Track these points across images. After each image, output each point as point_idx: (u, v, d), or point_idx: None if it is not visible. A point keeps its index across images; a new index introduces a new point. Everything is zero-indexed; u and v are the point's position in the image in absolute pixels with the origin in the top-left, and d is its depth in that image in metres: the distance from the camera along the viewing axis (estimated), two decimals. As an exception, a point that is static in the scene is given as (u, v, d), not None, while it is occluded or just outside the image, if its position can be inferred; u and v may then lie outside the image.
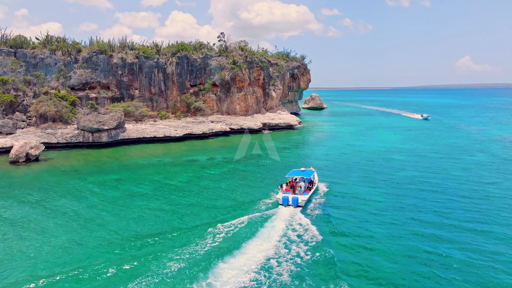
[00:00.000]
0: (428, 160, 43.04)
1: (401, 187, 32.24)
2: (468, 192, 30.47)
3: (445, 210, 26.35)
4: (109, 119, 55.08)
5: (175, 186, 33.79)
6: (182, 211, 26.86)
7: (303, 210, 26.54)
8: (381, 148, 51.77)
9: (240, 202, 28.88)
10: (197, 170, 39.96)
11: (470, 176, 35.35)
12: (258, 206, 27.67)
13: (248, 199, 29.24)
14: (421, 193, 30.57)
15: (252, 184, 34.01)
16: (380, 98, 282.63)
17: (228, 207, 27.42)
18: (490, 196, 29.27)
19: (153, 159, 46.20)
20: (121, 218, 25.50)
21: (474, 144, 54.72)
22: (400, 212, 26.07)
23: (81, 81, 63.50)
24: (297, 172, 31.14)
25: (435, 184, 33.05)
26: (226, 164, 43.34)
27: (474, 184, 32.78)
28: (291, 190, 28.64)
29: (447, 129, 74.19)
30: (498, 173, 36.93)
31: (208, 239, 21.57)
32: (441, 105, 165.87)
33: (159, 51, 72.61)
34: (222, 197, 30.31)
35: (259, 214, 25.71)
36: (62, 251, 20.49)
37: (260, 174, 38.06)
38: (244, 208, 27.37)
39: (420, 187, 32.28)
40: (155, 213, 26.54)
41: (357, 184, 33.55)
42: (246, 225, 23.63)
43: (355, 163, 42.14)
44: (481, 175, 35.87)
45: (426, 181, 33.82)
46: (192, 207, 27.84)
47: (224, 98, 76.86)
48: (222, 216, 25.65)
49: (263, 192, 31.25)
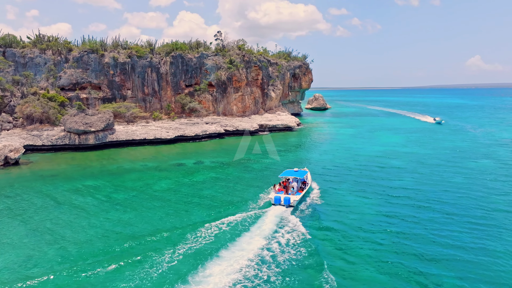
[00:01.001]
0: (427, 167, 40.08)
1: (394, 200, 29.49)
2: (468, 207, 27.48)
3: (437, 227, 23.66)
4: (97, 120, 53.18)
5: (152, 194, 31.54)
6: (152, 224, 24.59)
7: (294, 210, 26.67)
8: (379, 153, 48.96)
9: (226, 204, 27.91)
10: (180, 176, 37.71)
11: (472, 186, 32.41)
12: (249, 206, 27.70)
13: (232, 207, 26.95)
14: (415, 209, 27.81)
15: (233, 193, 31.61)
16: (387, 98, 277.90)
17: (207, 215, 25.16)
18: (494, 211, 26.27)
19: (138, 163, 44.09)
20: (80, 232, 23.31)
21: (480, 148, 51.56)
22: (387, 229, 23.49)
23: (71, 81, 61.76)
24: (290, 173, 30.92)
25: (431, 196, 30.20)
26: (214, 169, 41.06)
27: (476, 196, 29.77)
28: (284, 190, 28.84)
29: (451, 131, 70.88)
30: (504, 182, 33.91)
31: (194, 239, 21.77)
32: (448, 106, 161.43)
33: (152, 50, 70.59)
34: (202, 205, 28.05)
35: (251, 213, 25.92)
36: (4, 272, 18.38)
37: (246, 181, 35.63)
38: (234, 208, 27.37)
39: (414, 199, 29.50)
40: (122, 227, 24.30)
41: (347, 192, 31.01)
42: (235, 225, 23.79)
43: (349, 170, 39.47)
44: (485, 185, 32.91)
45: (422, 193, 30.98)
46: (166, 218, 25.58)
47: (220, 99, 74.59)
48: (208, 217, 25.48)
49: (245, 202, 28.89)
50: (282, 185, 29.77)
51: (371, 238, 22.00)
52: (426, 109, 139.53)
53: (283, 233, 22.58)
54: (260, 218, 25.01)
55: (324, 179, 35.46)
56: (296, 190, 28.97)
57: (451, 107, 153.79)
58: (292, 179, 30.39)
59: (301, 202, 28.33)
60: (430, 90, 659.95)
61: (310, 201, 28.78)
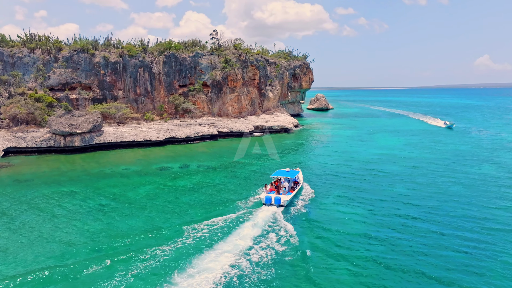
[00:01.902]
0: (423, 174, 37.53)
1: (385, 212, 27.21)
2: (462, 223, 24.86)
3: (423, 249, 21.36)
4: (83, 122, 51.52)
5: (126, 202, 29.63)
6: (118, 235, 22.64)
7: (285, 210, 26.82)
8: (375, 156, 46.57)
9: (211, 206, 25.18)
10: (162, 182, 35.77)
11: (470, 197, 29.82)
12: (241, 206, 27.70)
13: (219, 209, 24.95)
14: (401, 222, 25.52)
15: (215, 199, 29.58)
16: (393, 98, 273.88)
17: (182, 223, 23.15)
18: (492, 230, 23.56)
19: (121, 167, 42.26)
20: (38, 243, 21.44)
21: (483, 152, 48.87)
22: (370, 246, 21.29)
23: (60, 81, 60.24)
24: (282, 173, 31.04)
25: (423, 209, 27.81)
26: (199, 173, 39.09)
27: (473, 209, 27.17)
28: (275, 190, 29.07)
29: (455, 134, 68.10)
30: (506, 192, 31.28)
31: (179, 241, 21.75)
32: (454, 106, 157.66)
33: (145, 49, 68.84)
34: (179, 212, 26.07)
35: (240, 213, 26.07)
36: None
37: (229, 186, 33.57)
38: (225, 209, 27.39)
39: (403, 212, 27.19)
40: (87, 238, 22.39)
41: (334, 200, 28.83)
42: (225, 225, 23.92)
43: (339, 175, 37.19)
44: (485, 195, 30.33)
45: (412, 204, 28.59)
46: (134, 227, 23.63)
47: (215, 99, 72.64)
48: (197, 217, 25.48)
49: (233, 202, 26.85)
50: (274, 185, 29.82)
51: (355, 243, 21.61)
52: (431, 109, 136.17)
53: (272, 232, 22.74)
54: (250, 218, 25.07)
55: (314, 184, 33.63)
56: (288, 190, 29.05)
57: (457, 107, 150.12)
58: (284, 179, 30.54)
59: (292, 202, 28.49)
60: (437, 90, 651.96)
61: (301, 203, 28.64)
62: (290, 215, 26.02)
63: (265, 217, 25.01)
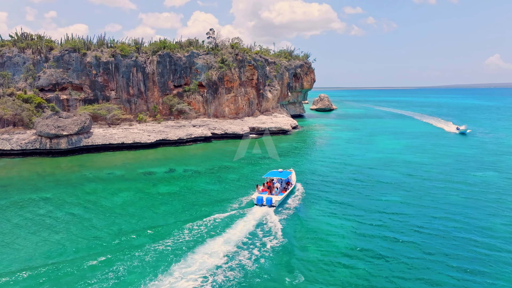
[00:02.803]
0: (421, 181, 35.09)
1: (368, 230, 24.98)
2: (458, 241, 22.48)
3: (410, 273, 19.12)
4: (71, 123, 50.01)
5: (98, 212, 27.82)
6: (82, 248, 20.78)
7: (276, 210, 26.99)
8: (372, 161, 44.21)
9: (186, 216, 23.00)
10: (142, 188, 33.92)
11: (469, 209, 27.28)
12: (232, 207, 27.82)
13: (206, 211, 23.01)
14: (390, 237, 23.29)
15: (187, 216, 27.59)
16: (400, 98, 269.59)
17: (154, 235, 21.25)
18: (492, 251, 21.18)
19: (105, 171, 40.56)
20: None
21: (487, 157, 46.18)
22: (357, 261, 19.16)
23: (50, 82, 58.88)
24: (275, 173, 31.16)
25: (414, 222, 25.51)
26: (184, 178, 37.23)
27: (472, 225, 24.68)
28: (267, 191, 29.30)
29: (459, 136, 65.23)
30: (510, 203, 28.88)
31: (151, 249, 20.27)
32: (463, 107, 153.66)
33: (138, 49, 67.21)
34: (147, 224, 24.14)
35: (233, 212, 26.38)
36: None
37: (211, 195, 31.56)
38: (216, 209, 27.57)
39: (393, 225, 24.93)
40: (46, 251, 20.59)
41: (323, 212, 26.65)
42: (214, 225, 24.15)
43: (331, 183, 34.96)
44: (485, 208, 27.79)
45: (404, 216, 26.30)
46: (99, 239, 21.77)
47: (211, 100, 70.76)
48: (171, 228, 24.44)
49: (222, 205, 24.89)
50: (266, 186, 30.07)
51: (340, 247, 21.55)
52: (437, 110, 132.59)
53: (261, 232, 23.00)
54: (241, 218, 25.32)
55: (306, 190, 31.90)
56: (280, 190, 29.20)
57: (465, 108, 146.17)
58: (276, 180, 30.52)
59: (284, 202, 28.66)
60: (446, 90, 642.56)
61: (293, 204, 28.72)
62: (281, 214, 26.28)
63: (256, 216, 25.35)
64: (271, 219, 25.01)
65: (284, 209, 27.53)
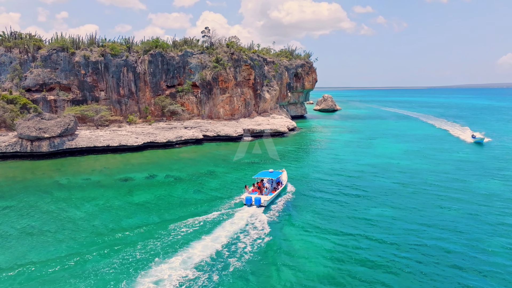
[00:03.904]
0: (417, 191, 32.19)
1: (348, 251, 22.21)
2: (451, 270, 19.75)
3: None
4: (53, 125, 48.09)
5: (57, 224, 25.57)
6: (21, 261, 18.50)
7: (265, 210, 27.15)
8: (368, 167, 41.23)
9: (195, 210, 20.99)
10: (114, 197, 31.61)
11: (467, 226, 24.35)
12: (222, 207, 27.94)
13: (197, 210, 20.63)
14: (375, 258, 20.50)
15: (154, 232, 25.17)
16: (409, 98, 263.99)
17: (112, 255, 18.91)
18: (491, 278, 18.53)
19: (81, 176, 38.42)
20: None
21: (492, 162, 42.83)
22: None
23: (37, 82, 57.16)
24: (265, 173, 31.22)
25: (404, 240, 22.66)
26: (162, 186, 34.84)
27: (468, 247, 21.77)
28: (257, 191, 29.39)
29: (473, 147, 61.49)
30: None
31: None
32: (474, 107, 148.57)
33: (129, 48, 65.15)
34: (105, 239, 21.76)
35: (223, 212, 26.64)
36: None
37: (186, 206, 29.08)
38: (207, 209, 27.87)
39: (380, 243, 22.11)
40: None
41: (307, 226, 23.97)
42: (203, 224, 24.31)
43: (322, 190, 32.18)
44: (485, 224, 24.84)
45: (394, 233, 23.46)
46: (47, 252, 19.45)
47: (205, 101, 68.42)
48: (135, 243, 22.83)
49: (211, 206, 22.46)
50: (257, 186, 30.12)
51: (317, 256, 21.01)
52: (446, 111, 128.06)
53: (248, 232, 23.16)
54: (229, 218, 25.41)
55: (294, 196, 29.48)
56: (269, 191, 29.46)
57: (475, 109, 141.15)
58: (267, 180, 30.68)
59: (273, 202, 28.73)
60: (458, 89, 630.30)
61: (283, 203, 28.82)
62: (269, 214, 26.43)
63: (244, 216, 25.57)
64: (259, 219, 25.19)
65: (273, 208, 27.70)
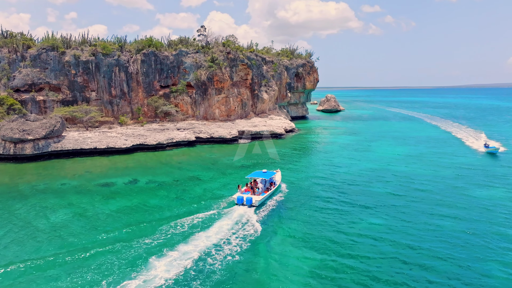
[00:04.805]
0: (412, 201, 29.88)
1: (328, 273, 20.10)
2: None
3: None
4: (38, 127, 46.60)
5: (27, 234, 23.81)
6: None
7: (257, 209, 27.29)
8: (362, 173, 38.94)
9: None
10: (87, 205, 29.80)
11: (465, 243, 22.04)
12: (213, 207, 28.08)
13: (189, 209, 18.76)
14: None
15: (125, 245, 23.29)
16: (416, 98, 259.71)
17: None
18: None
19: (60, 181, 36.75)
20: None
21: (496, 168, 40.23)
22: None
23: (26, 82, 55.82)
24: (258, 174, 31.50)
25: (392, 264, 20.47)
26: (142, 192, 32.99)
27: (464, 269, 19.66)
28: (250, 191, 29.53)
29: (484, 158, 58.53)
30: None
31: None
32: (482, 108, 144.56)
33: (122, 47, 63.56)
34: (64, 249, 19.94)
35: (213, 212, 26.76)
36: None
37: (161, 216, 27.17)
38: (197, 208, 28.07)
39: (365, 265, 19.95)
40: None
41: (286, 241, 21.94)
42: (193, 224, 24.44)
43: (311, 196, 30.04)
44: (484, 241, 22.50)
45: (382, 250, 21.26)
46: None
47: (200, 101, 66.60)
48: None
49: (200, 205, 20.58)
50: (250, 186, 30.38)
51: None
52: (452, 112, 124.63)
53: (238, 232, 23.22)
54: (220, 217, 25.62)
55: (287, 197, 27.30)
56: (262, 191, 29.75)
57: (483, 109, 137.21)
58: (260, 180, 30.97)
59: (265, 203, 28.84)
60: (466, 89, 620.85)
61: (274, 203, 28.98)
62: (260, 214, 26.57)
63: (234, 216, 25.73)
64: (249, 219, 25.30)
65: (265, 208, 27.82)
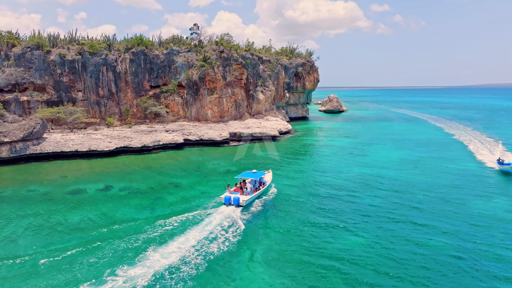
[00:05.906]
0: (406, 212, 27.05)
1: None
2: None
3: None
4: (16, 129, 44.64)
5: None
6: None
7: (244, 209, 27.31)
8: (356, 179, 36.08)
9: None
10: (52, 215, 27.53)
11: (463, 262, 19.23)
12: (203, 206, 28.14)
13: None
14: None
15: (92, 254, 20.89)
16: (424, 98, 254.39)
17: None
18: None
19: (28, 187, 34.56)
20: None
21: (500, 175, 37.01)
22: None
23: (9, 82, 53.95)
24: (248, 174, 31.42)
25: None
26: (114, 200, 30.71)
27: None
28: (240, 191, 29.57)
29: (497, 179, 55.16)
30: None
31: None
32: (491, 109, 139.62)
33: (110, 46, 61.44)
34: None
35: (201, 211, 26.69)
36: None
37: (132, 225, 24.74)
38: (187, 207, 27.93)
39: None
40: None
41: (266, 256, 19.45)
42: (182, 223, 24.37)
43: (296, 204, 27.34)
44: (483, 263, 19.63)
45: (368, 270, 18.52)
46: None
47: (192, 102, 64.20)
48: None
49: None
50: (239, 186, 30.33)
51: None
52: (460, 113, 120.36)
53: (223, 231, 23.23)
54: (207, 217, 25.62)
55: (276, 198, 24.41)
56: (250, 191, 29.77)
57: (493, 110, 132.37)
58: (249, 181, 30.73)
59: (252, 203, 28.89)
60: (476, 89, 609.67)
61: (263, 203, 29.04)
62: (246, 213, 26.59)
63: (221, 215, 25.82)
64: (235, 218, 25.36)
65: (253, 208, 27.85)
